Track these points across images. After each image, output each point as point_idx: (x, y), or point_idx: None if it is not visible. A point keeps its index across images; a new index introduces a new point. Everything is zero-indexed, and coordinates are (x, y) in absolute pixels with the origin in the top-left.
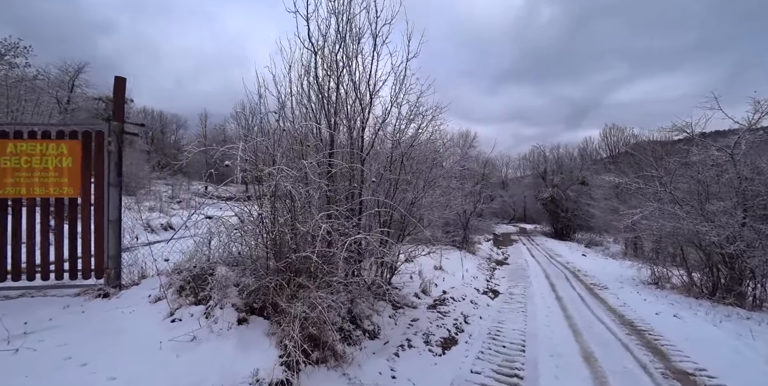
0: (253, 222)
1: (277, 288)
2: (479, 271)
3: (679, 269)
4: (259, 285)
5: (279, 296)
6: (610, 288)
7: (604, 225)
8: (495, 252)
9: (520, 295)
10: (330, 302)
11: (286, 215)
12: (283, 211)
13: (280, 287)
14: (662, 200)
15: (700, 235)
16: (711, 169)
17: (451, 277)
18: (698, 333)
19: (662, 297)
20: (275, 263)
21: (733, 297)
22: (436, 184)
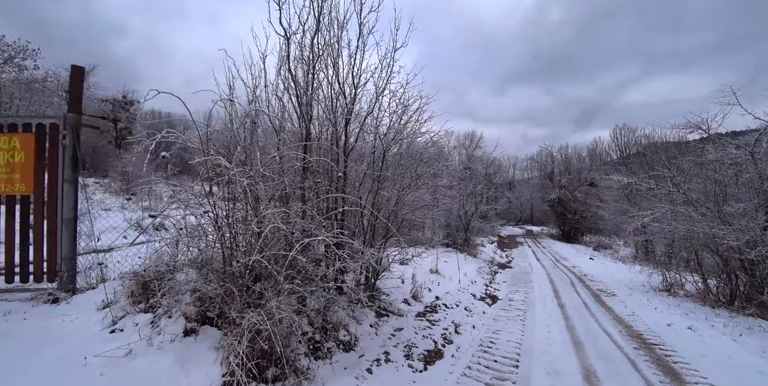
0: (210, 223)
1: (225, 296)
2: (479, 275)
3: (693, 275)
4: (212, 291)
5: (228, 305)
6: (618, 294)
7: (614, 228)
8: (498, 255)
9: (520, 302)
10: (291, 312)
11: (244, 213)
12: (242, 210)
13: (229, 294)
14: (675, 201)
15: (716, 239)
16: (729, 168)
17: (448, 282)
18: (716, 349)
19: (675, 306)
20: (229, 267)
21: (754, 306)
22: (421, 182)
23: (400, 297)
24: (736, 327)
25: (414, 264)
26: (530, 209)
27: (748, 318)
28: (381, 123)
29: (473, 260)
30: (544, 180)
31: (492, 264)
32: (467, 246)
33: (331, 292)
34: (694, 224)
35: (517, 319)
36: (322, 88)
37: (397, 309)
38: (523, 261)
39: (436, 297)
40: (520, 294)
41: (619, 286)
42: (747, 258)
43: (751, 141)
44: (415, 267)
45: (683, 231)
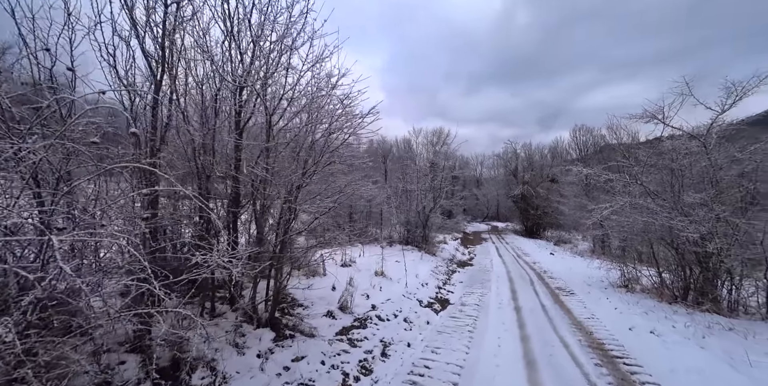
0: None
1: None
2: (433, 276)
3: (649, 269)
4: None
5: None
6: (576, 293)
7: (573, 223)
8: (460, 253)
9: (473, 307)
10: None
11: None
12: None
13: None
14: (632, 193)
15: (674, 232)
16: (685, 157)
17: (393, 285)
18: (684, 360)
19: (634, 305)
20: None
21: (710, 301)
22: (326, 166)
23: (323, 310)
24: (697, 327)
25: (358, 266)
26: (496, 206)
27: (704, 314)
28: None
29: (431, 259)
30: (508, 176)
31: (451, 263)
32: (426, 244)
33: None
34: (653, 215)
35: (464, 331)
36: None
37: (308, 328)
38: (484, 258)
39: (371, 307)
40: (475, 297)
41: (578, 283)
42: (702, 251)
43: (704, 131)
44: (360, 269)
45: (642, 223)
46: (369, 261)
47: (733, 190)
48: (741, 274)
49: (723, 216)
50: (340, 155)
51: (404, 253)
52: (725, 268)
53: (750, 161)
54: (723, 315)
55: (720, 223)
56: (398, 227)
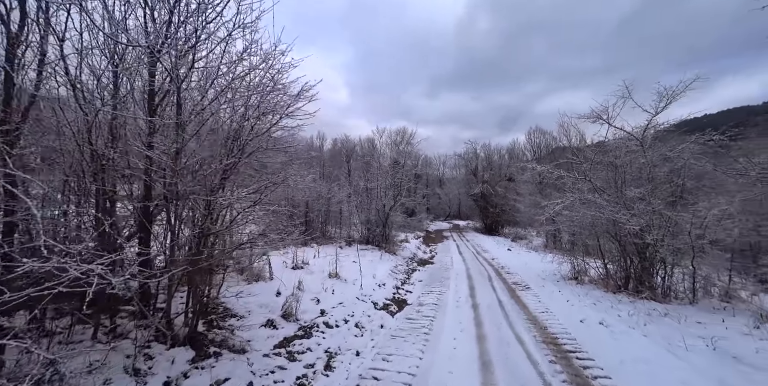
0: None
1: None
2: (391, 276)
3: (596, 261)
4: None
5: None
6: (532, 287)
7: (529, 220)
8: (422, 251)
9: (431, 306)
10: None
11: None
12: None
13: None
14: (581, 190)
15: (617, 225)
16: (626, 155)
17: (348, 288)
18: (631, 350)
19: (584, 296)
20: None
21: (648, 289)
22: (254, 153)
23: (263, 319)
24: (639, 316)
25: (311, 268)
26: (458, 204)
27: (644, 301)
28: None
29: (391, 258)
30: (469, 176)
31: (412, 261)
32: (387, 243)
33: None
34: (601, 210)
35: (420, 333)
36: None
37: (239, 342)
38: (445, 255)
39: (320, 312)
40: (433, 296)
41: (533, 277)
42: (641, 242)
43: (641, 132)
44: (313, 271)
45: (590, 217)
46: (324, 262)
47: (665, 186)
48: (672, 263)
49: (657, 210)
50: (273, 141)
51: (364, 253)
52: (659, 258)
53: (679, 159)
54: (659, 302)
55: (655, 216)
56: (359, 226)
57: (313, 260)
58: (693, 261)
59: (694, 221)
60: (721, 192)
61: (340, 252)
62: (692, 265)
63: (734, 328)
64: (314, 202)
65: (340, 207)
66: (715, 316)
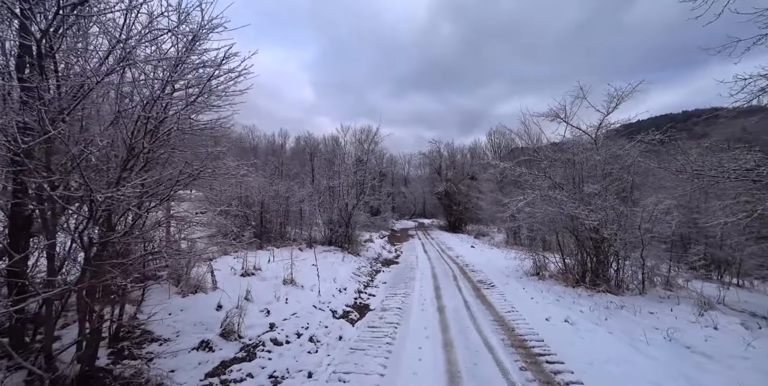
0: None
1: None
2: (354, 279)
3: (555, 255)
4: None
5: None
6: (496, 285)
7: (490, 217)
8: (387, 250)
9: (395, 311)
10: None
11: None
12: None
13: None
14: (541, 187)
15: (577, 220)
16: (583, 152)
17: (305, 295)
18: (598, 350)
19: (546, 292)
20: None
21: (604, 282)
22: (166, 137)
23: (195, 340)
24: (600, 311)
25: (264, 274)
26: (423, 203)
27: (601, 295)
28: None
29: (354, 260)
30: (433, 174)
31: (376, 262)
32: (350, 244)
33: None
34: (561, 206)
35: (382, 343)
36: None
37: (155, 376)
38: (410, 254)
39: (269, 327)
40: (398, 299)
41: (497, 275)
42: (598, 237)
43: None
44: (266, 277)
45: (552, 213)
46: (279, 267)
47: (617, 182)
48: (624, 256)
49: (612, 205)
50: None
51: (325, 255)
52: (613, 251)
53: (628, 157)
54: (614, 294)
55: (611, 211)
56: (321, 227)
57: (267, 265)
58: (642, 254)
59: (643, 215)
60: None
61: (300, 255)
62: (642, 257)
63: (682, 317)
64: (271, 202)
65: (300, 206)
66: (663, 306)
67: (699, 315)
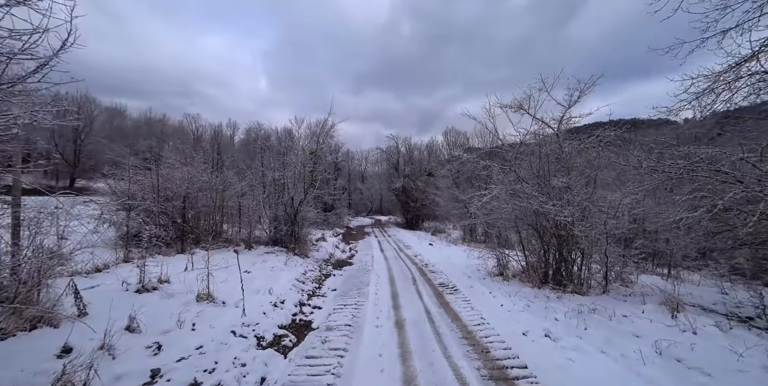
0: None
1: None
2: (295, 288)
3: (516, 253)
4: None
5: None
6: (460, 288)
7: (447, 214)
8: (340, 250)
9: (343, 330)
10: None
11: None
12: None
13: None
14: (504, 181)
15: (542, 216)
16: (549, 144)
17: (225, 315)
18: (595, 378)
19: (515, 296)
20: None
21: (570, 282)
22: None
23: None
24: (575, 317)
25: (174, 288)
26: (380, 200)
27: (569, 296)
28: None
29: (300, 263)
30: (390, 170)
31: (327, 264)
32: (297, 244)
33: None
34: (529, 200)
35: (323, 384)
36: None
37: None
38: (366, 254)
39: (150, 377)
40: (348, 312)
41: (458, 275)
42: (565, 234)
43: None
44: (175, 292)
45: (518, 208)
46: (198, 277)
47: (580, 177)
48: (590, 253)
49: (581, 200)
50: None
51: (266, 258)
52: (579, 249)
53: (591, 150)
54: (580, 294)
55: (578, 207)
56: (266, 225)
57: (181, 275)
58: (606, 250)
59: (609, 211)
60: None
61: (232, 259)
62: (605, 254)
63: (657, 320)
64: (199, 195)
65: (239, 202)
66: (630, 306)
67: (672, 318)
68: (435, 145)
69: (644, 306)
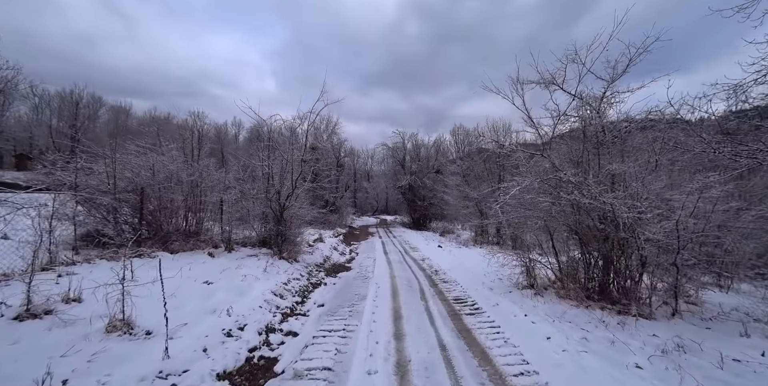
0: None
1: None
2: (267, 305)
3: (549, 259)
4: None
5: None
6: (482, 306)
7: (455, 213)
8: (339, 252)
9: (318, 380)
10: None
11: None
12: None
13: None
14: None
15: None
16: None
17: (143, 351)
18: None
19: (560, 320)
20: None
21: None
22: None
23: None
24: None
25: (74, 311)
26: (385, 199)
27: (633, 320)
28: None
29: (285, 268)
30: (396, 166)
31: (318, 270)
32: (283, 246)
33: None
34: (580, 189)
35: None
36: None
37: None
38: (367, 257)
39: None
40: (331, 345)
41: (477, 286)
42: (625, 236)
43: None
44: (76, 318)
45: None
46: (141, 291)
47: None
48: (656, 263)
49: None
50: None
51: (241, 263)
52: (642, 256)
53: (652, 130)
54: (645, 317)
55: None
56: (256, 223)
57: (103, 289)
58: (676, 259)
59: (686, 204)
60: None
61: (202, 263)
62: (675, 264)
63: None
64: (177, 188)
65: (221, 197)
66: (727, 339)
67: None
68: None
69: (749, 341)
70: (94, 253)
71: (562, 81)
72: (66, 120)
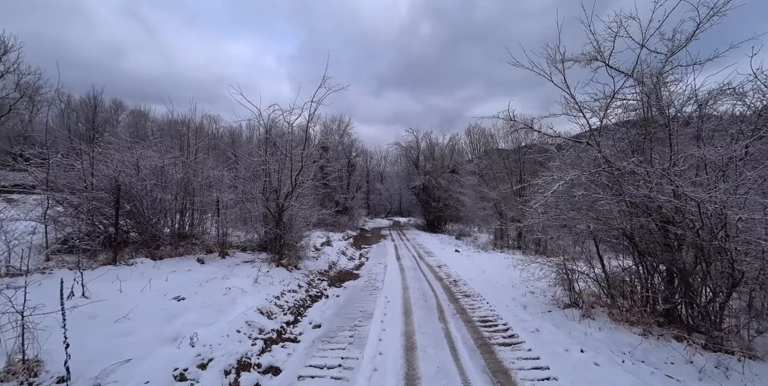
0: None
1: None
2: (249, 329)
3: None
4: None
5: None
6: (518, 333)
7: (472, 215)
8: (347, 257)
9: None
10: None
11: None
12: None
13: None
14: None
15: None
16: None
17: None
18: None
19: (627, 356)
20: None
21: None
22: None
23: None
24: None
25: None
26: (399, 200)
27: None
28: None
29: (282, 277)
30: (410, 166)
31: (322, 279)
32: (282, 251)
33: None
34: (647, 183)
35: None
36: None
37: None
38: (378, 263)
39: None
40: None
41: (507, 303)
42: (717, 245)
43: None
44: None
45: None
46: (79, 310)
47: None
48: (758, 282)
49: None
50: None
51: (231, 271)
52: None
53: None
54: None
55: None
56: (258, 226)
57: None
58: None
59: None
60: None
61: (187, 270)
62: None
63: None
64: (165, 184)
65: (218, 197)
66: None
67: None
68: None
69: None
70: (71, 259)
71: (608, 56)
72: (85, 124)
